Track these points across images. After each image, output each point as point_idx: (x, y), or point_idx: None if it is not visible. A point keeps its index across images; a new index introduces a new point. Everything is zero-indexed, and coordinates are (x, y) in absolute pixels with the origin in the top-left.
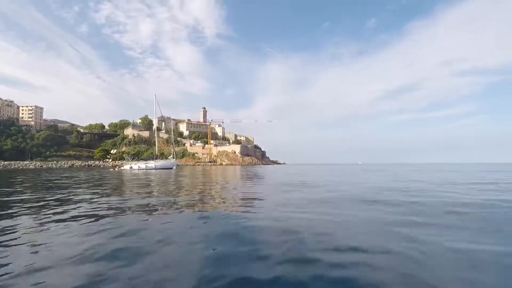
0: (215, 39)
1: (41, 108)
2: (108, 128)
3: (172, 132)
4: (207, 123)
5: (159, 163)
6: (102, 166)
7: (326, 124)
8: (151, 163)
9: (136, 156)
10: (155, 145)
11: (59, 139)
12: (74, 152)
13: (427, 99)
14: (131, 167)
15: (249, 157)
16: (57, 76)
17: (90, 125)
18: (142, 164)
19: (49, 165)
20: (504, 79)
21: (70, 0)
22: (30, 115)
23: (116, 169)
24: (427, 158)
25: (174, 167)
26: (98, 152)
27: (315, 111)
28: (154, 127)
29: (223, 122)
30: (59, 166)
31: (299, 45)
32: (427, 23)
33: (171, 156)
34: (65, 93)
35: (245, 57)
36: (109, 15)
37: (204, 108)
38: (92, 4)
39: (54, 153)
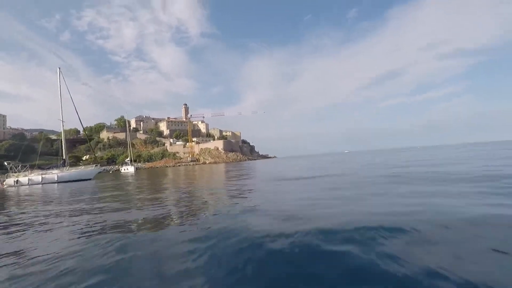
0: (199, 38)
1: (4, 116)
2: (83, 133)
3: (128, 132)
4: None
5: (66, 173)
6: None
7: (315, 115)
8: (52, 174)
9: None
10: (131, 146)
11: (25, 148)
12: (42, 161)
13: (413, 83)
14: (17, 181)
15: (233, 153)
16: (40, 85)
17: (64, 131)
18: (36, 176)
19: None
20: (484, 60)
21: (50, 9)
22: None
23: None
24: (414, 142)
25: (120, 173)
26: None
27: (303, 103)
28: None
29: (203, 117)
30: None
31: (283, 39)
32: (408, 8)
33: (128, 159)
34: (50, 102)
35: (230, 54)
36: (91, 21)
37: (185, 104)
38: (74, 12)
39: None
